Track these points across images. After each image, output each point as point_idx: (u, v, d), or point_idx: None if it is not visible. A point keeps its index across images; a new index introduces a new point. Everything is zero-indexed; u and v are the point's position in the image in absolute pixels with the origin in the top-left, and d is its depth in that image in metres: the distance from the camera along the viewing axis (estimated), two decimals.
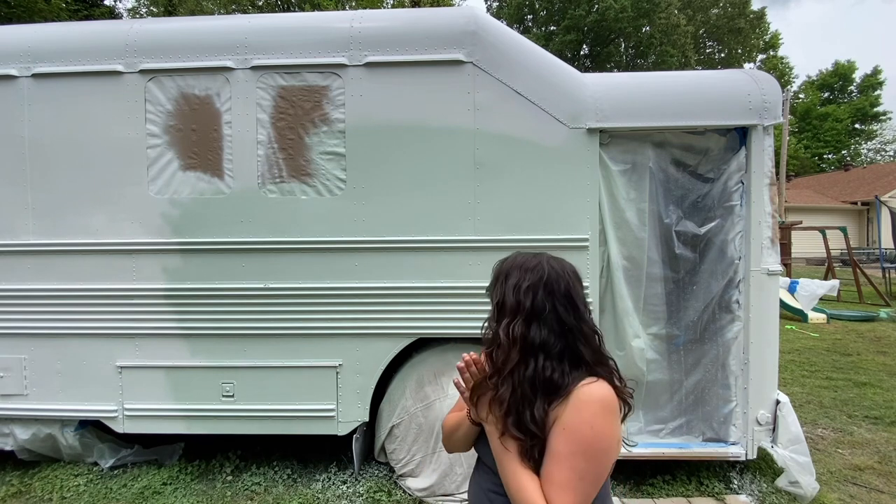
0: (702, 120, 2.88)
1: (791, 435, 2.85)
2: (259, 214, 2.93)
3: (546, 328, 1.03)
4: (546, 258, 1.12)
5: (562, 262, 1.12)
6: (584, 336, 1.04)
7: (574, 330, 1.03)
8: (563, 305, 1.04)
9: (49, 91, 2.99)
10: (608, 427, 0.96)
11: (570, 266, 1.12)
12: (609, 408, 0.97)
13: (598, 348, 1.05)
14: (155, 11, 22.92)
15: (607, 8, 27.49)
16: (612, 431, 0.96)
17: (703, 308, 2.97)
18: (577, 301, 1.06)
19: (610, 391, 0.99)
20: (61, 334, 3.02)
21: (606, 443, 0.95)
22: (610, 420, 0.96)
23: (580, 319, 1.05)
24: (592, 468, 0.95)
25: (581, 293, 1.08)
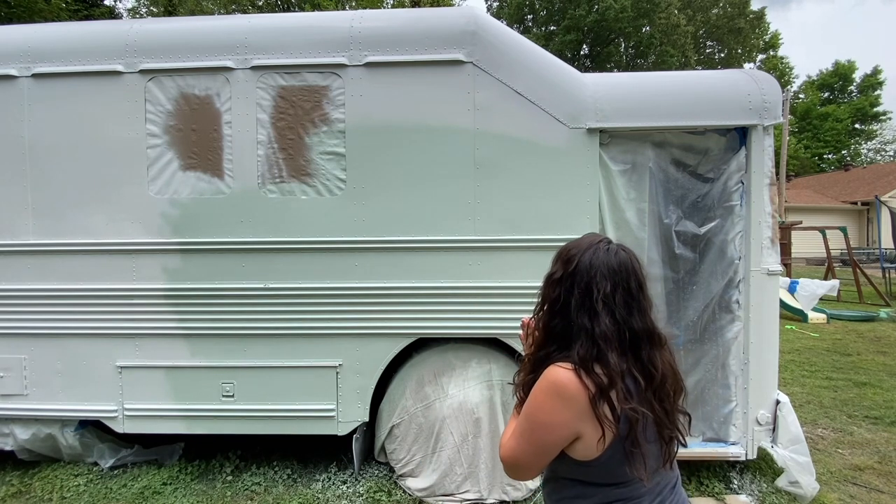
0: (702, 120, 2.88)
1: (791, 435, 2.85)
2: (259, 214, 2.93)
3: (560, 320, 1.08)
4: (589, 246, 1.10)
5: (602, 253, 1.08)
6: (588, 336, 1.03)
7: (581, 329, 1.04)
8: (578, 303, 1.05)
9: (49, 91, 2.99)
10: (546, 405, 1.02)
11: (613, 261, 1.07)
12: (554, 389, 1.01)
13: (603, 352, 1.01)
14: (155, 11, 22.92)
15: (607, 8, 27.49)
16: (549, 409, 1.02)
17: (703, 308, 2.97)
18: (596, 304, 1.03)
19: (569, 379, 1.00)
20: (61, 334, 3.02)
21: (541, 417, 1.03)
22: (551, 400, 1.02)
23: (593, 321, 1.03)
24: (528, 432, 1.05)
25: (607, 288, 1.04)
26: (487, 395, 2.91)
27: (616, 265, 1.06)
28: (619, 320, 1.03)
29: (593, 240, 1.12)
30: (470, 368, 2.95)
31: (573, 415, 1.00)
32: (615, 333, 1.02)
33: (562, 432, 1.01)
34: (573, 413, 1.00)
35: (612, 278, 1.04)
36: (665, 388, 1.05)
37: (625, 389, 1.00)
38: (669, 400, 1.06)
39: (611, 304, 1.03)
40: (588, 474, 1.06)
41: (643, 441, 1.00)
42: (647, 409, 1.02)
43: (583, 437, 1.01)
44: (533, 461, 1.07)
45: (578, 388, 0.99)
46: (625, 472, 1.02)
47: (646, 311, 1.08)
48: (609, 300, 1.03)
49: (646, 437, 1.02)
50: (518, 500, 2.89)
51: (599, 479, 1.06)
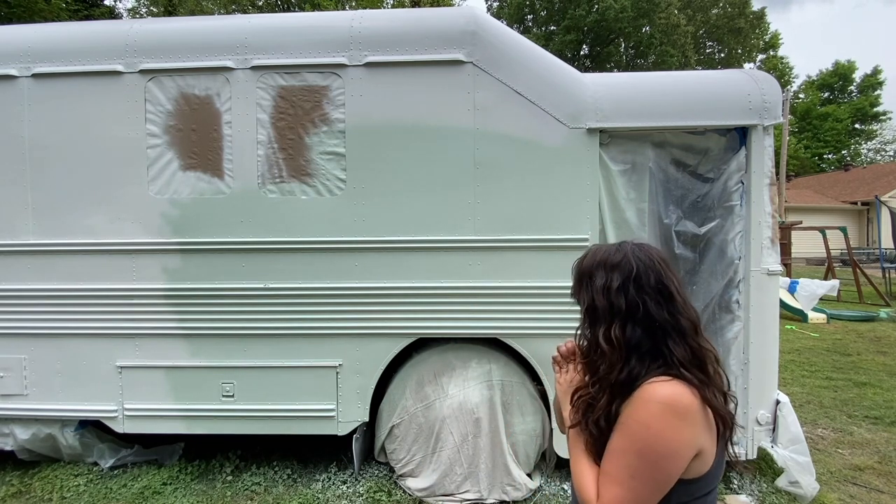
0: (702, 120, 2.88)
1: (791, 435, 2.85)
2: (259, 214, 2.93)
3: (640, 327, 0.97)
4: (630, 249, 1.04)
5: (648, 249, 1.04)
6: (677, 331, 0.97)
7: (666, 326, 0.97)
8: (654, 301, 0.97)
9: (49, 91, 2.99)
10: (668, 429, 0.89)
11: (657, 253, 1.04)
12: (673, 409, 0.90)
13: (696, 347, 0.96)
14: (155, 11, 22.92)
15: (607, 8, 27.49)
16: (673, 434, 0.89)
17: (703, 308, 2.97)
18: (672, 290, 0.98)
19: (680, 392, 0.91)
20: (61, 334, 3.02)
21: (664, 447, 0.89)
22: (671, 423, 0.89)
23: (675, 313, 0.97)
24: (647, 469, 0.90)
25: (674, 279, 1.00)
26: (487, 395, 2.91)
27: (662, 256, 1.03)
28: (689, 304, 1.00)
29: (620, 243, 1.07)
30: (470, 368, 2.95)
31: (696, 430, 0.91)
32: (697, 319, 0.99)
33: (687, 454, 0.91)
34: (695, 428, 0.91)
35: (669, 267, 1.01)
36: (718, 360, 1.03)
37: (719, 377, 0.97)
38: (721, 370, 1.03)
39: (679, 291, 0.99)
40: (694, 490, 0.96)
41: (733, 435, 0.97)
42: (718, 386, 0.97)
43: (703, 451, 0.92)
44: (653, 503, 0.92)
45: (692, 397, 0.91)
46: (721, 471, 0.99)
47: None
48: (678, 288, 0.99)
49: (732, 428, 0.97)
50: (518, 500, 2.89)
51: (704, 489, 0.97)
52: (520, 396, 2.94)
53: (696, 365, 0.96)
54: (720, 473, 1.00)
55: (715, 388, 0.95)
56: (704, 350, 0.96)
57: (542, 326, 2.85)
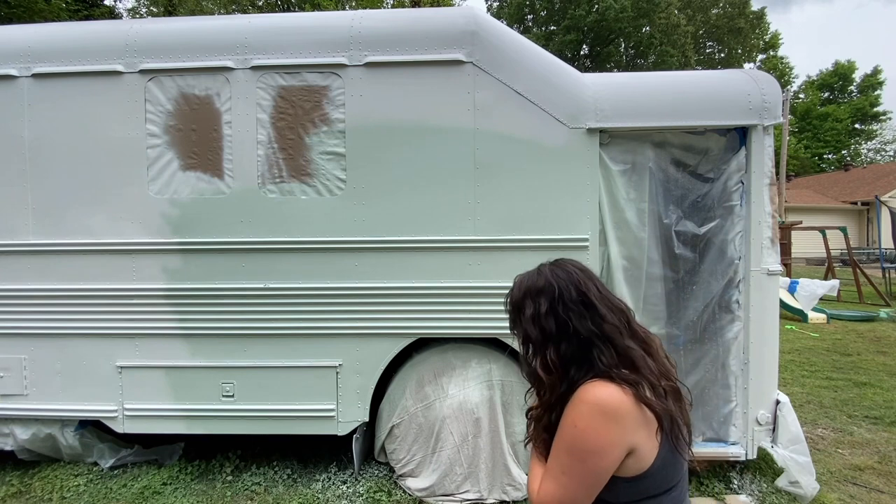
0: (702, 120, 2.88)
1: (791, 435, 2.85)
2: (259, 214, 2.93)
3: (572, 343, 1.03)
4: (548, 270, 1.10)
5: (564, 265, 1.10)
6: (602, 339, 1.01)
7: (591, 336, 1.01)
8: (578, 314, 1.03)
9: (49, 91, 2.99)
10: (594, 428, 0.94)
11: (573, 265, 1.10)
12: (601, 409, 0.94)
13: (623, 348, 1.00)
14: (155, 11, 22.92)
15: (607, 8, 27.49)
16: (599, 433, 0.94)
17: (703, 308, 2.97)
18: (592, 298, 1.03)
19: (609, 393, 0.95)
20: (61, 334, 3.02)
21: (591, 444, 0.94)
22: (598, 421, 0.94)
23: (598, 322, 1.02)
24: (575, 466, 0.96)
25: (592, 285, 1.05)
26: (487, 394, 2.91)
27: (580, 267, 1.10)
28: (613, 308, 1.05)
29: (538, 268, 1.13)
30: (470, 368, 2.95)
31: (625, 428, 0.94)
32: (619, 322, 1.03)
33: (616, 451, 0.94)
34: (624, 425, 0.94)
35: (589, 277, 1.08)
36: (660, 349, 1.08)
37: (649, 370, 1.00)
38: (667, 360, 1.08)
39: (602, 298, 1.05)
40: (643, 489, 0.99)
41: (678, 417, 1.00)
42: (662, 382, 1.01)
43: (637, 449, 0.95)
44: (583, 499, 0.98)
45: (622, 396, 0.95)
46: (675, 471, 1.01)
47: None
48: (599, 295, 1.05)
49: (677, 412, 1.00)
50: (518, 500, 2.89)
51: (654, 489, 1.00)
52: (520, 396, 2.94)
53: (626, 365, 0.99)
54: (675, 473, 1.01)
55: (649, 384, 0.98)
56: (629, 350, 1.00)
57: None
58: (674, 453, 1.00)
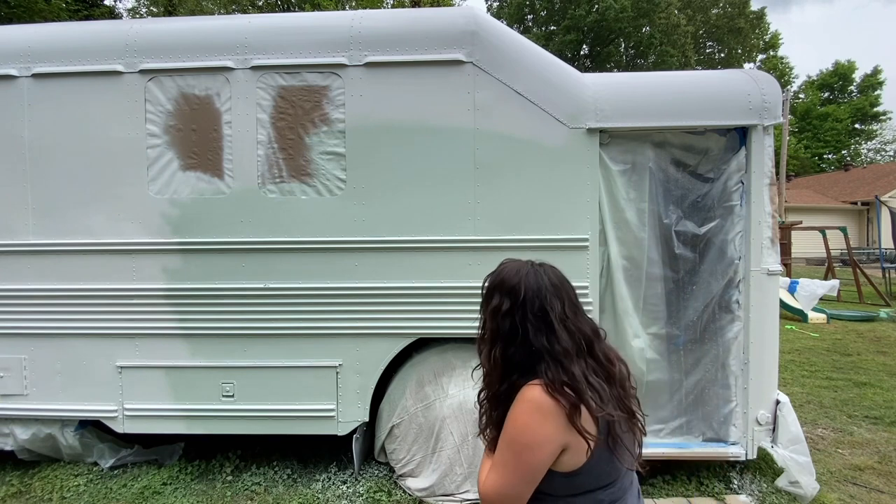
0: (702, 120, 2.88)
1: (791, 435, 2.85)
2: (259, 214, 2.93)
3: (520, 350, 1.09)
4: (526, 272, 1.13)
5: (541, 274, 1.13)
6: (551, 356, 1.06)
7: (542, 351, 1.07)
8: (535, 327, 1.08)
9: (49, 91, 2.99)
10: (530, 424, 1.02)
11: (550, 278, 1.12)
12: (535, 407, 1.02)
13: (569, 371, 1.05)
14: (155, 11, 22.92)
15: (607, 8, 27.49)
16: (535, 428, 1.01)
17: (703, 308, 2.97)
18: (552, 319, 1.08)
19: (540, 395, 1.02)
20: (61, 334, 3.02)
21: (526, 438, 1.02)
22: (535, 418, 1.02)
23: (552, 341, 1.07)
24: (513, 458, 1.04)
25: (558, 306, 1.09)
26: None
27: (557, 281, 1.13)
28: (574, 330, 1.08)
29: (523, 265, 1.15)
30: (470, 368, 2.94)
31: (558, 427, 1.01)
32: (573, 345, 1.07)
33: (550, 447, 1.02)
34: (557, 425, 1.01)
35: (558, 295, 1.10)
36: (624, 378, 1.12)
37: (595, 395, 1.03)
38: (626, 385, 1.12)
39: (564, 319, 1.08)
40: (578, 484, 1.06)
41: (621, 433, 1.05)
42: (617, 405, 1.06)
43: (570, 447, 1.02)
44: (522, 489, 1.05)
45: (554, 403, 1.01)
46: (611, 471, 1.07)
47: (584, 312, 1.15)
48: (563, 316, 1.09)
49: (622, 429, 1.06)
50: None
51: (589, 485, 1.07)
52: None
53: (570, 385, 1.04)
54: (612, 472, 1.07)
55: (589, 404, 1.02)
56: (572, 374, 1.04)
57: None
58: (611, 454, 1.05)
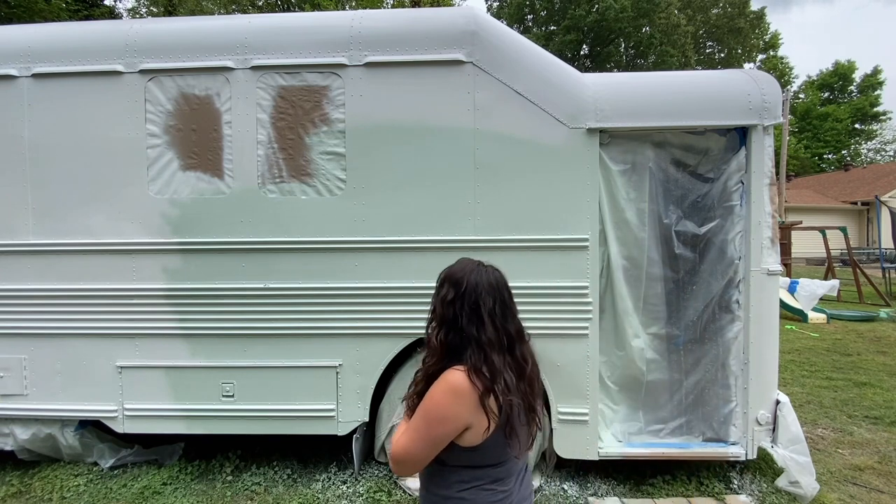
0: (702, 120, 2.88)
1: (791, 435, 2.85)
2: (259, 214, 2.93)
3: (456, 335, 1.26)
4: (471, 269, 1.30)
5: (483, 274, 1.29)
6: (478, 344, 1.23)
7: (471, 339, 1.24)
8: (468, 318, 1.25)
9: (49, 91, 2.99)
10: (444, 402, 1.19)
11: (489, 280, 1.29)
12: (451, 388, 1.20)
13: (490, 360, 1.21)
14: (155, 11, 22.91)
15: (607, 8, 27.48)
16: (446, 405, 1.19)
17: (703, 308, 2.97)
18: (483, 314, 1.25)
19: (461, 379, 1.19)
20: (61, 334, 3.02)
21: (437, 412, 1.19)
22: (447, 397, 1.19)
23: (480, 331, 1.24)
24: (423, 427, 1.21)
25: (491, 303, 1.26)
26: None
27: (494, 282, 1.29)
28: (499, 327, 1.25)
29: (471, 263, 1.33)
30: None
31: (466, 409, 1.18)
32: (497, 338, 1.24)
33: (456, 424, 1.19)
34: (466, 407, 1.18)
35: (492, 294, 1.27)
36: (534, 377, 1.30)
37: (504, 384, 1.21)
38: (533, 386, 1.30)
39: (493, 315, 1.25)
40: (472, 459, 1.24)
41: (518, 424, 1.22)
42: (521, 398, 1.24)
43: (472, 427, 1.19)
44: (425, 454, 1.23)
45: (470, 387, 1.18)
46: (501, 454, 1.24)
47: (515, 315, 1.31)
48: (492, 312, 1.26)
49: (520, 421, 1.23)
50: None
51: (481, 461, 1.24)
52: None
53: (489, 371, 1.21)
54: (502, 454, 1.24)
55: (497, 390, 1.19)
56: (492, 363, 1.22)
57: (542, 326, 2.85)
58: (505, 440, 1.22)
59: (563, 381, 2.89)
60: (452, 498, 1.26)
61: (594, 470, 3.10)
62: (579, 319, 2.85)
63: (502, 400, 1.19)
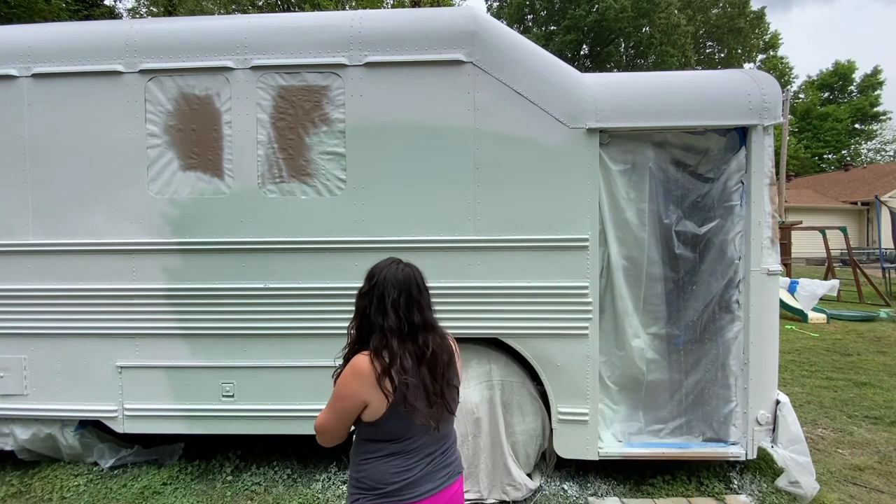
0: (702, 120, 2.88)
1: (791, 435, 2.85)
2: (259, 214, 2.93)
3: (366, 323, 1.44)
4: (385, 266, 1.48)
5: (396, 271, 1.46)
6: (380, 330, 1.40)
7: (374, 326, 1.41)
8: (374, 308, 1.42)
9: (49, 91, 2.99)
10: (347, 381, 1.39)
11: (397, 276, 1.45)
12: (353, 369, 1.38)
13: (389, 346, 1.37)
14: (155, 11, 22.91)
15: (607, 8, 27.47)
16: (348, 385, 1.38)
17: (703, 308, 2.97)
18: (387, 306, 1.41)
19: (362, 361, 1.37)
20: (61, 334, 3.02)
21: (342, 390, 1.39)
22: (350, 377, 1.38)
23: (384, 319, 1.40)
24: (333, 402, 1.41)
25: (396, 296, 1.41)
26: (487, 395, 2.91)
27: (402, 278, 1.45)
28: (402, 317, 1.41)
29: (388, 261, 1.51)
30: (470, 368, 2.94)
31: (364, 388, 1.35)
32: (398, 326, 1.40)
33: (356, 401, 1.37)
34: (364, 386, 1.35)
35: (398, 287, 1.44)
36: (436, 363, 1.43)
37: (403, 367, 1.36)
38: (440, 373, 1.43)
39: (396, 306, 1.41)
40: (375, 433, 1.41)
41: (414, 404, 1.36)
42: (418, 380, 1.39)
43: (371, 405, 1.36)
44: (335, 426, 1.43)
45: (369, 368, 1.36)
46: (399, 430, 1.39)
47: (424, 308, 1.46)
48: (395, 303, 1.41)
49: (416, 401, 1.36)
50: (518, 500, 2.89)
51: (382, 436, 1.40)
52: (520, 396, 2.94)
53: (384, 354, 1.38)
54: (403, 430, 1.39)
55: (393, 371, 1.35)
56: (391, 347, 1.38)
57: (542, 326, 2.85)
58: (404, 418, 1.37)
59: (563, 381, 2.89)
60: (358, 466, 1.45)
61: (594, 470, 3.10)
62: (579, 319, 2.85)
63: (398, 381, 1.34)
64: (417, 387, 1.38)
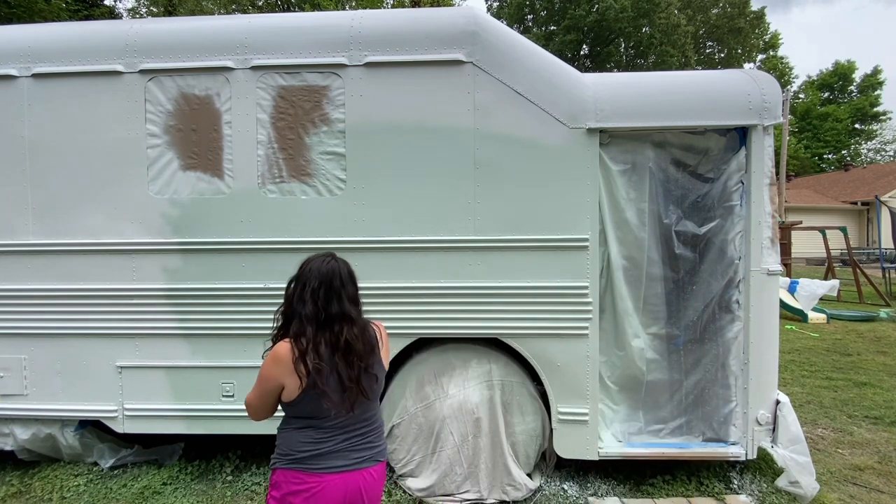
0: (702, 120, 2.88)
1: (791, 435, 2.85)
2: (259, 214, 2.93)
3: (287, 311, 1.58)
4: (314, 259, 1.60)
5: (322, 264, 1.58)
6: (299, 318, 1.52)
7: (295, 314, 1.54)
8: (297, 297, 1.55)
9: (49, 91, 2.99)
10: (268, 364, 1.53)
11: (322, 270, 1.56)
12: (274, 356, 1.52)
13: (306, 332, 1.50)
14: (155, 11, 22.91)
15: (607, 8, 27.48)
16: (269, 367, 1.52)
17: (703, 308, 2.97)
18: (307, 297, 1.53)
19: (284, 347, 1.50)
20: (61, 334, 3.02)
21: (264, 373, 1.53)
22: (270, 362, 1.52)
23: (303, 308, 1.52)
24: (258, 382, 1.55)
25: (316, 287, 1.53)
26: (487, 394, 2.91)
27: (326, 270, 1.57)
28: (320, 307, 1.52)
29: (320, 255, 1.63)
30: (470, 368, 2.95)
31: (281, 371, 1.49)
32: (314, 314, 1.52)
33: (274, 382, 1.51)
34: (281, 370, 1.49)
35: (319, 278, 1.55)
36: (351, 351, 1.53)
37: (318, 353, 1.48)
38: (356, 361, 1.54)
39: (315, 296, 1.53)
40: (292, 411, 1.56)
41: (324, 388, 1.48)
42: (331, 366, 1.50)
43: (287, 387, 1.50)
44: (258, 404, 1.57)
45: (287, 353, 1.49)
46: (312, 411, 1.52)
47: (343, 300, 1.56)
48: (315, 293, 1.53)
49: (326, 386, 1.49)
50: (518, 501, 2.89)
51: (299, 413, 1.54)
52: (520, 396, 2.94)
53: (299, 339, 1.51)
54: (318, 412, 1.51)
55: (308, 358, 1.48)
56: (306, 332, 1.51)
57: (542, 326, 2.85)
58: (316, 400, 1.49)
59: (563, 381, 2.89)
60: (279, 434, 1.60)
61: (594, 470, 3.10)
62: (579, 319, 2.85)
63: (311, 366, 1.46)
64: (331, 373, 1.50)
